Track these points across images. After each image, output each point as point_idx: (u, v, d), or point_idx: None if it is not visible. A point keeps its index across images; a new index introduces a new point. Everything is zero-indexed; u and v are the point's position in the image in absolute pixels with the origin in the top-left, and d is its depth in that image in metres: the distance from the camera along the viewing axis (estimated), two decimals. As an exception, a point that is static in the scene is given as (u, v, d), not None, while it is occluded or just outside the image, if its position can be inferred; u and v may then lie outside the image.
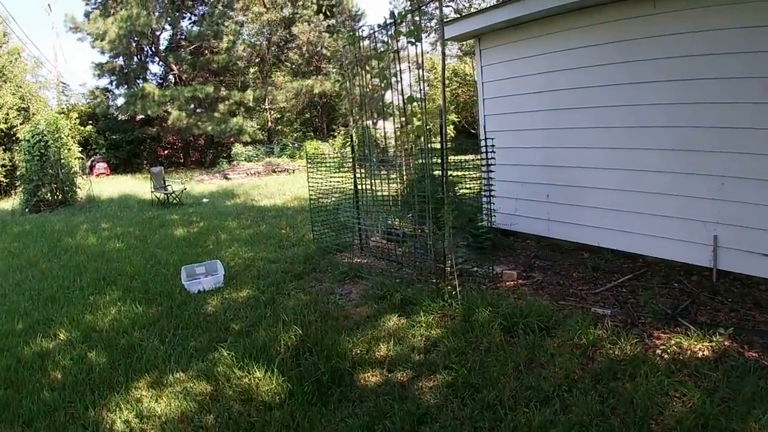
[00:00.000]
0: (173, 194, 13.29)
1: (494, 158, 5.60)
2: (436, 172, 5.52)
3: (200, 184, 19.08)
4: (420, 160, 5.72)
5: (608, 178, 6.31)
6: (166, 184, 13.77)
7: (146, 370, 4.25)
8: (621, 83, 5.97)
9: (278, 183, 17.36)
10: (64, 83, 30.71)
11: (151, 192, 13.46)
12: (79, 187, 15.09)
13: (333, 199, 7.88)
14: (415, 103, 5.44)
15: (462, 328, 4.54)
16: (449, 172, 5.42)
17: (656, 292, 5.19)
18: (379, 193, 6.83)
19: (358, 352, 4.34)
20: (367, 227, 7.26)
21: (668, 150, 5.69)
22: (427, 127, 5.26)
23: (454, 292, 5.07)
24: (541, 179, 6.99)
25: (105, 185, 19.26)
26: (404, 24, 5.49)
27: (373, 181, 6.74)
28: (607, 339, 4.17)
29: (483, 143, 5.76)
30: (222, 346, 4.51)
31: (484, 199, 5.89)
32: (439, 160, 5.28)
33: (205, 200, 14.26)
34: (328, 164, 7.89)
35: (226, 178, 20.36)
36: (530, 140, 7.03)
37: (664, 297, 5.08)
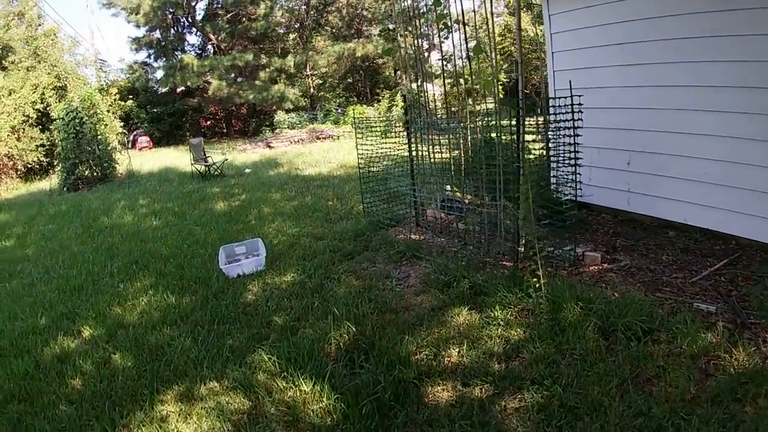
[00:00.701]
0: (214, 165, 12.70)
1: (581, 119, 4.67)
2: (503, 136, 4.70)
3: (243, 154, 18.49)
4: (487, 120, 4.88)
5: (700, 145, 5.43)
6: (207, 155, 13.15)
7: (175, 379, 3.63)
8: (720, 35, 5.00)
9: (323, 150, 16.60)
10: (102, 60, 30.48)
11: (191, 164, 12.89)
12: (117, 163, 14.66)
13: (383, 166, 7.09)
14: (483, 54, 4.58)
15: (549, 328, 3.73)
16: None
17: (765, 284, 4.30)
18: (436, 160, 6.03)
19: (424, 357, 3.59)
20: (424, 199, 6.48)
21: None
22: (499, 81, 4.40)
23: (537, 283, 4.18)
24: (621, 144, 6.05)
25: (147, 159, 18.91)
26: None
27: (430, 147, 5.92)
28: (721, 346, 3.34)
29: (558, 102, 4.86)
30: (262, 348, 3.85)
31: (569, 168, 4.96)
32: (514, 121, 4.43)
33: (247, 170, 13.65)
34: (375, 129, 7.05)
35: (269, 147, 19.73)
36: (608, 99, 6.04)
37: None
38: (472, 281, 4.52)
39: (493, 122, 4.72)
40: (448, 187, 6.74)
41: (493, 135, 5.56)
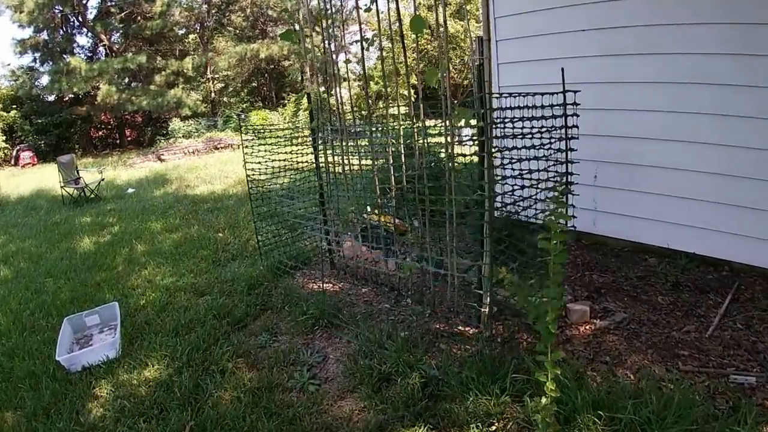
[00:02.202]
0: (87, 188, 10.59)
1: (576, 126, 3.24)
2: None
3: (129, 170, 16.07)
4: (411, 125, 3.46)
5: (685, 154, 4.40)
6: (79, 176, 10.89)
7: None
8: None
9: (220, 162, 14.64)
10: (-18, 66, 26.99)
11: (61, 187, 10.66)
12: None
13: (284, 182, 5.47)
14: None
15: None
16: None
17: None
18: (352, 174, 4.53)
19: None
20: (338, 228, 4.96)
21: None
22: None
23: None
24: (584, 154, 4.79)
25: (26, 178, 16.26)
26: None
27: (343, 157, 4.39)
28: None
29: (527, 100, 3.44)
30: None
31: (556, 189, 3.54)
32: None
33: (130, 191, 11.58)
34: (272, 138, 5.35)
35: (161, 160, 17.39)
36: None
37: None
38: (424, 374, 3.03)
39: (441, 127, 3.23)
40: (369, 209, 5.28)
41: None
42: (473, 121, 2.91)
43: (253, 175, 5.17)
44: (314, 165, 4.80)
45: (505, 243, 3.48)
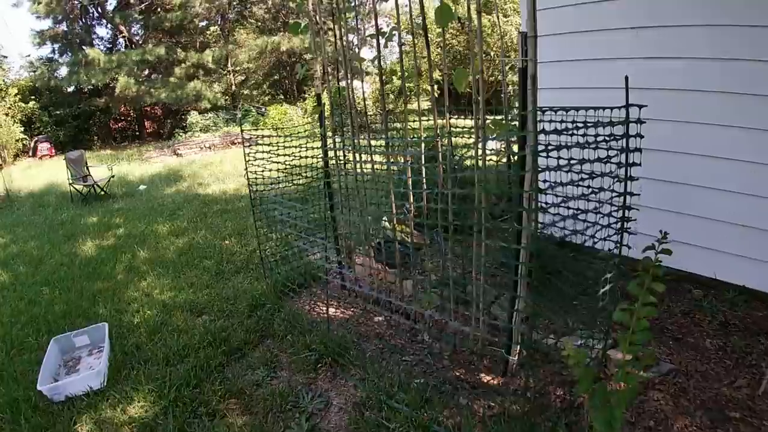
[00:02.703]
0: (96, 185, 10.27)
1: (639, 149, 2.74)
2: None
3: (144, 165, 15.75)
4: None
5: (745, 175, 3.86)
6: (88, 173, 10.55)
7: None
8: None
9: (236, 159, 14.21)
10: (2, 56, 26.87)
11: (69, 185, 10.36)
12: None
13: (291, 187, 5.02)
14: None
15: None
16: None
17: None
18: (366, 181, 4.10)
19: None
20: (352, 237, 4.55)
21: None
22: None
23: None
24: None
25: (41, 171, 16.01)
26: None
27: (357, 163, 3.96)
28: None
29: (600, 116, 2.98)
30: None
31: (609, 215, 3.06)
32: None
33: (141, 188, 11.27)
34: (278, 144, 4.90)
35: (177, 155, 17.08)
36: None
37: None
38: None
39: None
40: (387, 223, 4.84)
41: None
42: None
43: (257, 182, 4.76)
44: (324, 172, 4.37)
45: (545, 271, 3.03)
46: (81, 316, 4.67)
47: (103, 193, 10.36)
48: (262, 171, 4.70)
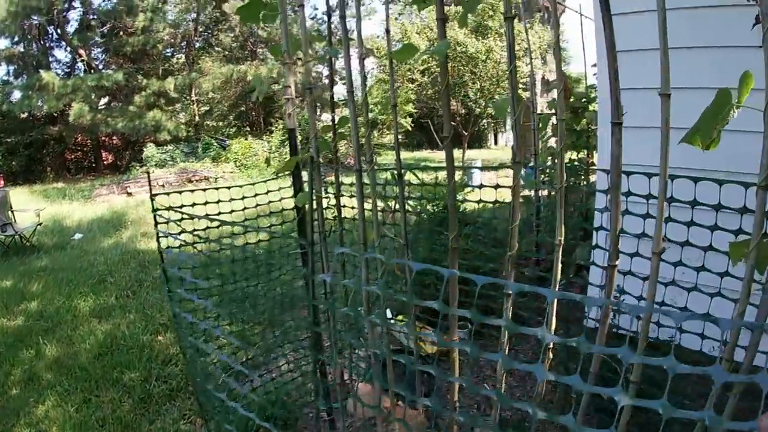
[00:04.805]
0: (20, 236, 8.64)
1: None
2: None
3: (89, 204, 14.00)
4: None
5: None
6: (9, 220, 8.78)
7: None
8: None
9: (190, 200, 12.57)
10: (-44, 77, 24.87)
11: (-14, 233, 8.66)
12: None
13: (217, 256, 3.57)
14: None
15: None
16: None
17: None
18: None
19: None
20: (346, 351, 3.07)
21: None
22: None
23: None
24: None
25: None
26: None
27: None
28: None
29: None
30: None
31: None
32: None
33: (77, 237, 9.62)
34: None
35: (128, 193, 15.43)
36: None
37: None
38: None
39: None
40: (398, 323, 3.50)
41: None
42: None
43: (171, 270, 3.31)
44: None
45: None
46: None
47: (27, 244, 8.74)
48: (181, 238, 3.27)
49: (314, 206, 1.98)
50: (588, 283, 4.13)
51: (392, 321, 3.55)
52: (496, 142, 32.68)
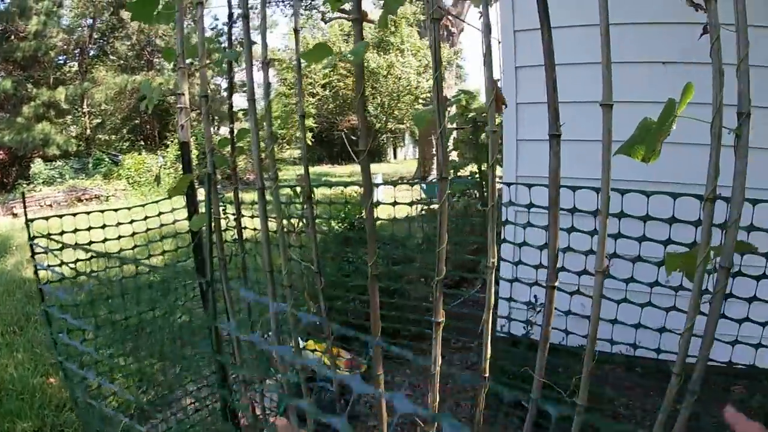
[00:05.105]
0: None
1: None
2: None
3: None
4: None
5: None
6: None
7: None
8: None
9: (81, 222, 11.63)
10: None
11: None
12: None
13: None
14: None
15: None
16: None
17: None
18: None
19: None
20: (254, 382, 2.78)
21: None
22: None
23: None
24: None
25: None
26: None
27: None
28: None
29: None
30: None
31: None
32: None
33: (-47, 267, 8.74)
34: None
35: (13, 214, 14.18)
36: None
37: None
38: None
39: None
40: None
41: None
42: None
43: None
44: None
45: None
46: None
47: None
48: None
49: (213, 229, 1.74)
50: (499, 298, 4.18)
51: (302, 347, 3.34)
52: (395, 156, 33.96)
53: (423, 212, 5.69)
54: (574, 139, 3.52)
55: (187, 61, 2.01)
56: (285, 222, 2.51)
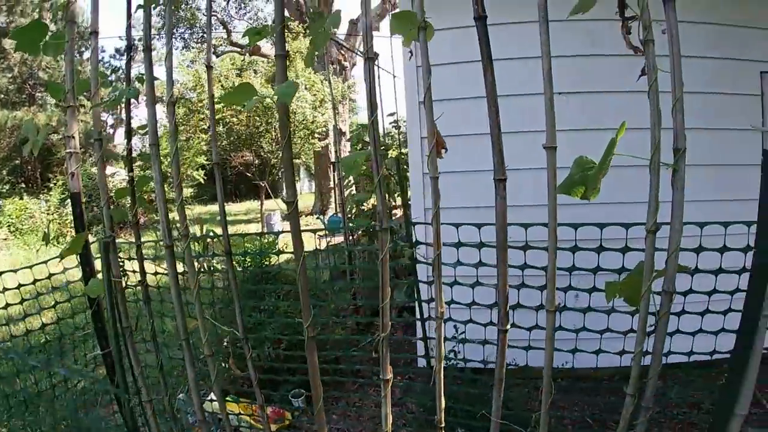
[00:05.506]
0: None
1: None
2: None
3: None
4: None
5: None
6: None
7: None
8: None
9: None
10: None
11: None
12: None
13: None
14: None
15: None
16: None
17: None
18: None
19: None
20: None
21: None
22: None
23: None
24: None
25: None
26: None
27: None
28: None
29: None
30: None
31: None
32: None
33: None
34: None
35: None
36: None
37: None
38: None
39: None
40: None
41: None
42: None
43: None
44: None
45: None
46: None
47: None
48: None
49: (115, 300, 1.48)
50: (415, 320, 4.50)
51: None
52: (291, 191, 33.41)
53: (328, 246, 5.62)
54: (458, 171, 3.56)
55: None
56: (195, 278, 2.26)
